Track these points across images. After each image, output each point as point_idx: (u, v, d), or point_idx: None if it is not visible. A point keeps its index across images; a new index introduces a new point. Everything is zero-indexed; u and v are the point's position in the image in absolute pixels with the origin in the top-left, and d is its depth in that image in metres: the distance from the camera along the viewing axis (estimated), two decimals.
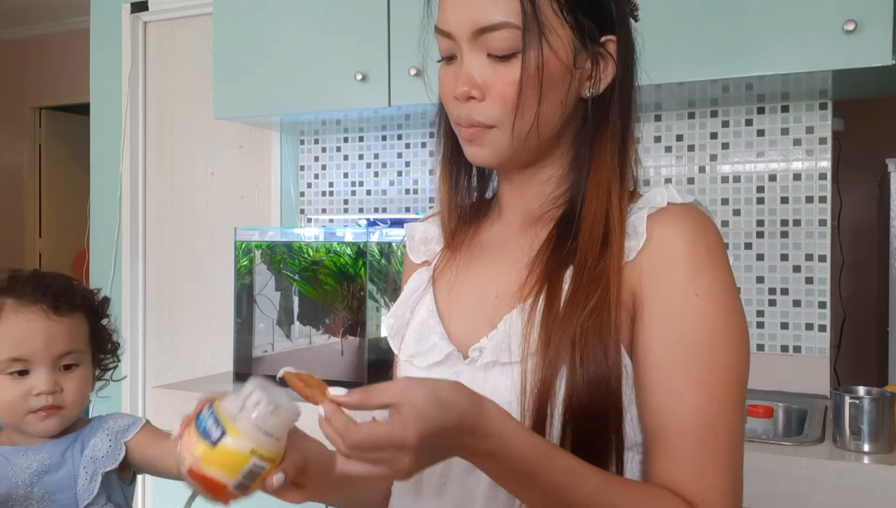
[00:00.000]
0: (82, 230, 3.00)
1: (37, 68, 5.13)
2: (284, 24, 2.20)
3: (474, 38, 0.79)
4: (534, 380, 0.75)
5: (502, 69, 0.78)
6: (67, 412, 1.06)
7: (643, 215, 0.78)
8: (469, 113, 0.80)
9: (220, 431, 0.69)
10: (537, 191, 0.86)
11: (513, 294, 0.81)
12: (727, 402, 0.74)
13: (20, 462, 1.04)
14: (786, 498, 1.42)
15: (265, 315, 2.16)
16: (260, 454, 0.70)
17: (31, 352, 1.03)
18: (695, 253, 0.76)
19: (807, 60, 1.65)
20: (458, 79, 0.80)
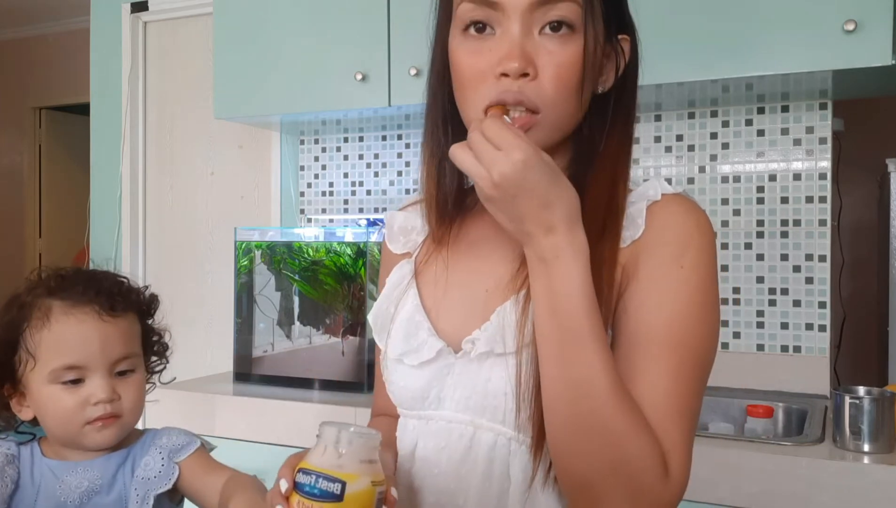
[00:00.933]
0: (82, 230, 3.00)
1: (37, 68, 5.14)
2: (284, 23, 2.20)
3: (530, 10, 0.73)
4: (528, 371, 0.75)
5: (557, 47, 0.74)
6: (125, 421, 0.97)
7: (642, 207, 0.79)
8: (520, 91, 0.73)
9: (340, 485, 0.68)
10: None
11: (505, 288, 0.80)
12: (697, 376, 0.76)
13: (69, 479, 0.95)
14: (786, 498, 1.42)
15: (265, 315, 2.16)
16: (377, 482, 0.70)
17: (87, 358, 0.94)
18: (684, 232, 0.78)
19: (807, 60, 1.65)
20: (509, 54, 0.73)
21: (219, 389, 2.04)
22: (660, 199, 0.79)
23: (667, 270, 0.76)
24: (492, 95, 0.75)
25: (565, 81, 0.74)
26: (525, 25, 0.74)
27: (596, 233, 0.76)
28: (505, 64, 0.73)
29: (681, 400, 0.74)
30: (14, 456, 0.98)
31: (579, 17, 0.74)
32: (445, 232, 0.88)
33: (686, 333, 0.75)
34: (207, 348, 2.63)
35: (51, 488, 0.95)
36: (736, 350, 2.04)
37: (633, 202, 0.80)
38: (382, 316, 0.89)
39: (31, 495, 0.96)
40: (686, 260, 0.76)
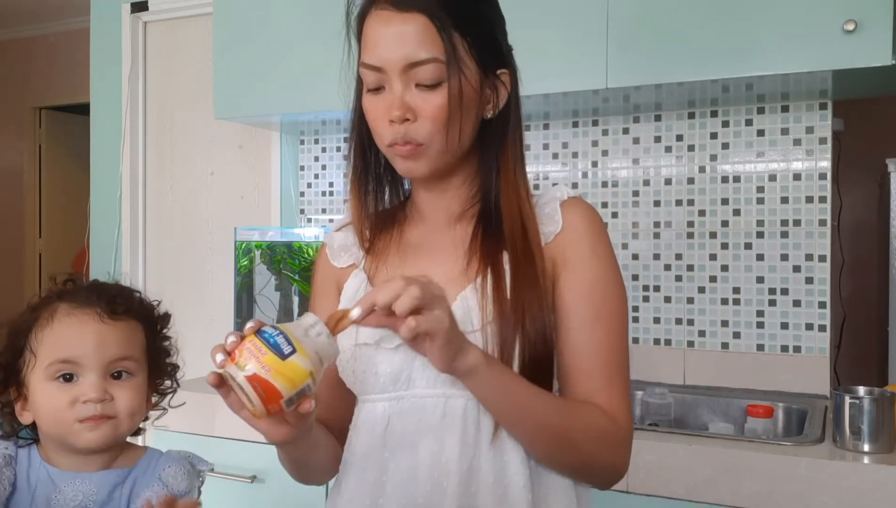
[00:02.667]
0: (82, 230, 3.00)
1: (37, 68, 5.14)
2: (284, 23, 2.20)
3: (405, 70, 0.94)
4: (493, 342, 0.93)
5: (430, 96, 0.94)
6: (119, 424, 0.97)
7: (556, 206, 1.01)
8: (405, 133, 0.95)
9: (292, 348, 0.78)
10: (455, 194, 1.04)
11: (456, 279, 0.98)
12: (622, 332, 0.99)
13: (66, 490, 0.96)
14: (786, 498, 1.42)
15: (265, 315, 2.16)
16: (313, 377, 0.79)
17: (80, 354, 0.95)
18: (594, 229, 1.01)
19: (807, 60, 1.66)
20: (392, 105, 0.94)
21: None
22: (566, 199, 1.02)
23: (588, 260, 0.99)
24: (388, 137, 0.97)
25: (439, 120, 0.95)
26: (403, 82, 0.95)
27: (519, 234, 0.98)
28: (390, 113, 0.95)
29: (615, 358, 0.98)
30: (12, 458, 0.98)
31: (444, 72, 0.94)
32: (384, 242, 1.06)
33: (610, 304, 0.99)
34: (207, 348, 2.62)
35: (46, 494, 0.95)
36: (736, 350, 2.04)
37: (546, 203, 1.02)
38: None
39: (27, 498, 0.96)
40: (599, 250, 1.00)
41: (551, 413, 0.93)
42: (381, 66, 0.95)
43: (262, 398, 0.78)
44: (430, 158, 0.97)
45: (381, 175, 1.07)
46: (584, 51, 1.82)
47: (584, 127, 2.21)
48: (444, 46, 0.93)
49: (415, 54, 0.93)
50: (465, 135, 0.98)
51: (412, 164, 0.97)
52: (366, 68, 0.98)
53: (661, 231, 2.13)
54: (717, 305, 2.06)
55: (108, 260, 2.86)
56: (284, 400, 0.78)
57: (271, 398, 0.78)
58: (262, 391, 0.77)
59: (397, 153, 0.97)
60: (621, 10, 1.80)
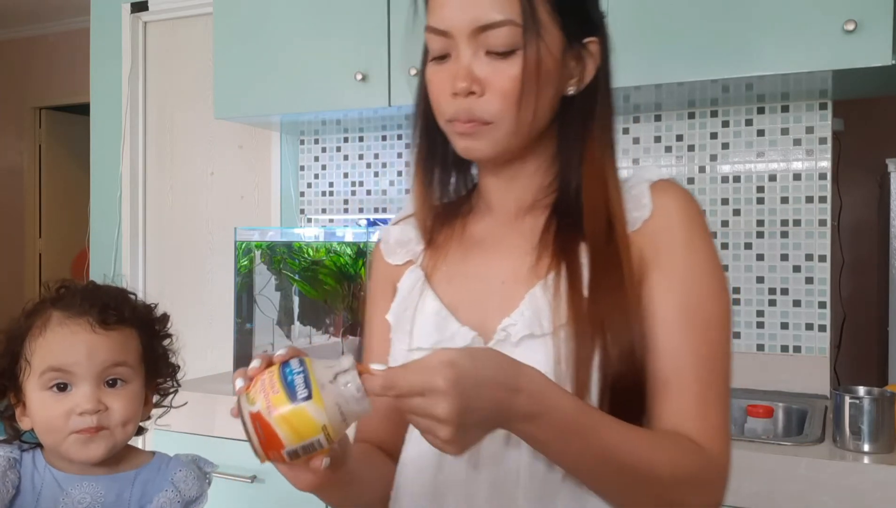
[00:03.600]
0: (82, 230, 3.00)
1: (37, 68, 5.13)
2: (284, 24, 2.20)
3: (474, 35, 0.82)
4: (567, 349, 0.81)
5: (502, 66, 0.82)
6: (113, 435, 0.95)
7: (645, 189, 0.86)
8: (469, 108, 0.83)
9: (307, 393, 0.67)
10: (527, 182, 0.91)
11: (524, 277, 0.86)
12: (723, 347, 0.84)
13: (73, 493, 0.95)
14: (786, 498, 1.42)
15: (265, 315, 2.16)
16: (327, 433, 0.68)
17: (72, 363, 0.93)
18: (690, 218, 0.86)
19: (807, 60, 1.65)
20: (457, 75, 0.83)
21: (219, 389, 2.04)
22: (657, 180, 0.87)
23: (682, 253, 0.84)
24: (449, 112, 0.85)
25: (510, 94, 0.82)
26: (472, 48, 0.83)
27: (603, 227, 0.84)
28: (455, 84, 0.83)
29: (712, 373, 0.82)
30: (16, 461, 0.98)
31: (520, 37, 0.81)
32: (446, 235, 0.95)
33: (707, 306, 0.83)
34: (207, 348, 2.63)
35: (52, 497, 0.95)
36: (736, 350, 2.03)
37: (634, 185, 0.87)
38: (400, 318, 0.93)
39: (31, 502, 0.95)
40: (696, 242, 0.85)
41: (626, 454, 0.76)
42: (448, 29, 0.83)
43: (261, 442, 0.68)
44: (495, 138, 0.84)
45: (449, 160, 0.94)
46: None
47: None
48: (521, 7, 0.81)
49: (486, 16, 0.81)
50: (541, 114, 0.85)
51: (472, 143, 0.85)
52: (431, 33, 0.86)
53: None
54: None
55: (108, 260, 2.86)
56: (286, 451, 0.68)
57: (271, 444, 0.68)
58: (262, 434, 0.68)
59: (457, 130, 0.85)
60: (621, 10, 1.79)
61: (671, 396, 0.81)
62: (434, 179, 0.95)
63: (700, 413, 0.80)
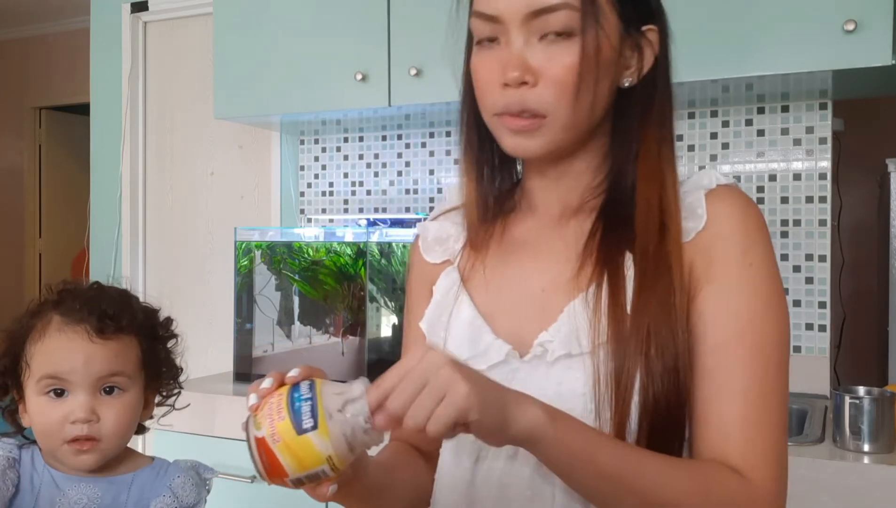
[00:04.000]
0: (82, 230, 3.00)
1: (37, 68, 5.13)
2: (284, 24, 2.20)
3: (527, 21, 0.76)
4: (606, 370, 0.75)
5: (557, 53, 0.76)
6: (105, 447, 0.95)
7: (700, 197, 0.79)
8: (522, 99, 0.77)
9: (313, 423, 0.64)
10: (575, 182, 0.85)
11: (564, 286, 0.81)
12: (777, 369, 0.77)
13: (70, 493, 0.95)
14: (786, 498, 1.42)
15: (265, 315, 2.16)
16: (333, 463, 0.65)
17: (68, 370, 0.93)
18: (747, 228, 0.78)
19: (807, 60, 1.65)
20: (509, 63, 0.77)
21: (219, 389, 2.04)
22: (715, 187, 0.80)
23: (737, 267, 0.77)
24: (500, 104, 0.78)
25: (566, 85, 0.76)
26: (524, 34, 0.77)
27: (655, 233, 0.78)
28: (506, 74, 0.77)
29: (763, 398, 0.75)
30: (15, 460, 0.98)
31: (578, 22, 0.75)
32: (489, 235, 0.89)
33: (761, 331, 0.76)
34: (207, 348, 2.63)
35: (50, 497, 0.95)
36: None
37: (689, 192, 0.81)
38: (435, 324, 0.89)
39: (30, 501, 0.96)
40: (754, 257, 0.78)
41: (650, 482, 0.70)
42: (498, 14, 0.77)
43: (265, 467, 0.67)
44: (549, 134, 0.78)
45: (496, 154, 0.88)
46: None
47: None
48: None
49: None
50: (598, 106, 0.79)
51: (524, 140, 0.78)
52: (479, 19, 0.79)
53: None
54: None
55: (108, 260, 2.86)
56: (290, 479, 0.67)
57: (275, 470, 0.66)
58: (266, 460, 0.66)
59: (507, 126, 0.79)
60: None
61: (715, 419, 0.75)
62: (484, 173, 0.88)
63: (745, 438, 0.74)
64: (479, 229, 0.89)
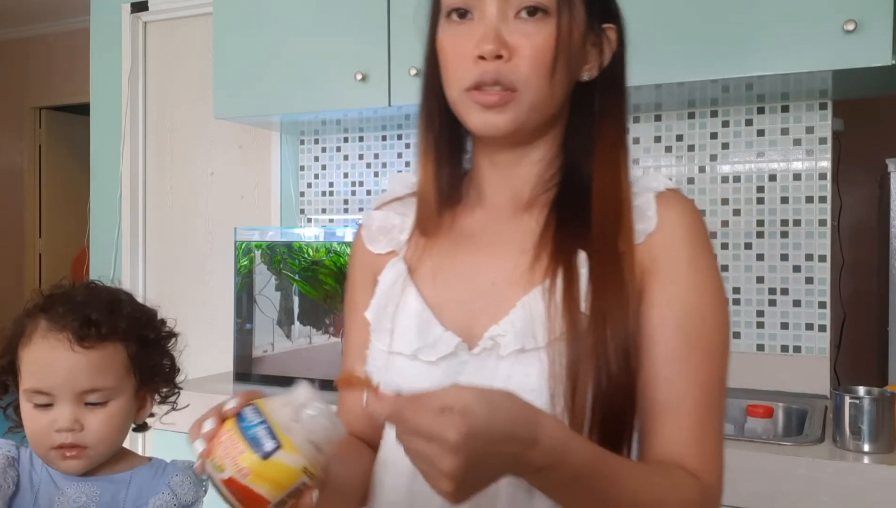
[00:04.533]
0: (82, 230, 3.00)
1: (37, 68, 5.14)
2: (284, 23, 2.20)
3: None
4: (560, 365, 0.75)
5: (532, 30, 0.77)
6: (92, 452, 0.95)
7: (650, 199, 0.80)
8: (496, 71, 0.77)
9: (275, 444, 0.63)
10: (527, 173, 0.85)
11: (517, 280, 0.80)
12: (721, 370, 0.79)
13: (70, 492, 0.96)
14: (786, 498, 1.42)
15: (265, 315, 2.16)
16: (310, 472, 0.64)
17: (52, 385, 0.93)
18: (695, 234, 0.80)
19: (807, 60, 1.65)
20: (485, 37, 0.77)
21: (219, 389, 2.04)
22: (664, 191, 0.81)
23: (685, 273, 0.79)
24: (472, 77, 0.78)
25: (540, 61, 0.77)
26: (501, 10, 0.77)
27: (611, 230, 0.78)
28: (481, 46, 0.77)
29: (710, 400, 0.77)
30: (14, 459, 0.98)
31: (553, 2, 0.77)
32: (438, 226, 0.87)
33: (709, 338, 0.78)
34: (207, 348, 2.63)
35: (50, 495, 0.95)
36: (736, 350, 2.04)
37: (638, 194, 0.81)
38: (380, 315, 0.87)
39: (30, 499, 0.96)
40: (700, 261, 0.80)
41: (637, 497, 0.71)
42: None
43: (243, 503, 0.64)
44: (518, 109, 0.78)
45: (459, 141, 0.87)
46: None
47: None
48: None
49: None
50: (562, 92, 0.80)
51: (493, 116, 0.78)
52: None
53: None
54: None
55: (108, 260, 2.86)
56: (272, 505, 0.64)
57: (254, 503, 0.63)
58: (241, 497, 0.63)
59: (477, 100, 0.78)
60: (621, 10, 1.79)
61: (670, 422, 0.76)
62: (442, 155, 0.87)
63: (699, 442, 0.76)
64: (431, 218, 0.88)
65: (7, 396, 1.01)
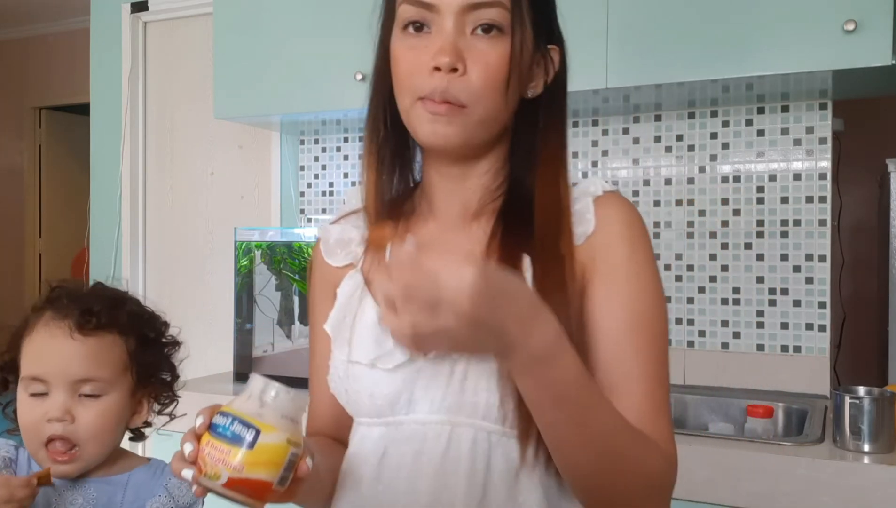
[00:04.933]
0: (82, 230, 3.00)
1: (37, 68, 5.14)
2: (284, 24, 2.20)
3: (463, 12, 0.79)
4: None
5: (488, 46, 0.80)
6: (84, 454, 0.94)
7: (588, 203, 0.85)
8: (447, 88, 0.79)
9: (254, 432, 0.68)
10: (475, 185, 0.89)
11: None
12: (663, 358, 0.84)
13: (67, 493, 0.95)
14: (786, 498, 1.42)
15: (265, 315, 2.16)
16: (293, 441, 0.70)
17: (48, 372, 0.93)
18: (633, 232, 0.86)
19: (807, 60, 1.65)
20: (443, 49, 0.79)
21: (219, 389, 2.04)
22: (601, 194, 0.86)
23: (624, 268, 0.84)
24: (425, 88, 0.80)
25: (492, 78, 0.80)
26: (458, 25, 0.80)
27: (552, 237, 0.83)
28: (437, 58, 0.79)
29: (658, 382, 0.82)
30: (12, 460, 0.98)
31: (508, 21, 0.80)
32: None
33: (651, 322, 0.83)
34: (207, 348, 2.63)
35: (46, 497, 0.95)
36: (736, 350, 2.04)
37: (577, 199, 0.86)
38: (339, 326, 0.90)
39: None
40: (638, 256, 0.85)
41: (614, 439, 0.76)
42: (436, 3, 0.80)
43: (251, 496, 0.69)
44: (467, 124, 0.81)
45: (404, 151, 0.91)
46: (584, 51, 1.82)
47: (584, 127, 2.21)
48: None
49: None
50: (510, 108, 0.84)
51: (442, 127, 0.80)
52: (412, 5, 0.82)
53: (661, 231, 2.12)
54: (717, 305, 2.06)
55: (108, 260, 2.86)
56: (275, 484, 0.69)
57: (260, 490, 0.69)
58: (247, 490, 0.68)
59: (429, 109, 0.80)
60: (621, 10, 1.80)
61: (623, 401, 0.80)
62: (385, 168, 0.91)
63: (653, 417, 0.80)
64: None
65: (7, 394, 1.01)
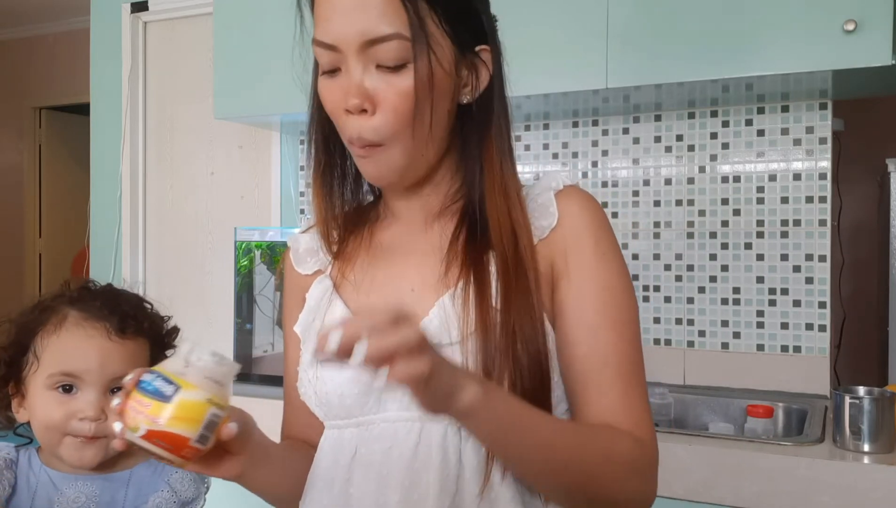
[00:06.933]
0: (82, 230, 3.00)
1: (37, 68, 5.14)
2: (284, 23, 2.20)
3: (362, 49, 0.79)
4: (475, 358, 0.80)
5: (393, 80, 0.79)
6: (108, 444, 0.94)
7: (550, 197, 0.87)
8: (360, 129, 0.81)
9: (174, 387, 0.70)
10: (433, 192, 0.90)
11: (434, 285, 0.86)
12: (636, 341, 0.86)
13: (68, 492, 0.96)
14: (786, 498, 1.42)
15: (265, 315, 2.16)
16: (216, 402, 0.71)
17: (84, 369, 0.94)
18: (596, 222, 0.87)
19: (807, 60, 1.65)
20: (349, 91, 0.80)
21: None
22: (562, 188, 0.88)
23: (591, 259, 0.85)
24: (347, 132, 0.83)
25: (400, 112, 0.80)
26: (363, 63, 0.80)
27: (508, 239, 0.84)
28: (347, 101, 0.80)
29: (631, 368, 0.84)
30: (12, 461, 0.98)
31: (410, 51, 0.79)
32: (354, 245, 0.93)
33: (619, 308, 0.85)
34: None
35: (47, 496, 0.95)
36: (736, 350, 2.04)
37: (539, 194, 0.88)
38: (309, 328, 0.92)
39: (27, 501, 0.96)
40: (603, 246, 0.86)
41: (570, 447, 0.77)
42: (336, 43, 0.80)
43: (169, 450, 0.71)
44: (391, 161, 0.82)
45: (347, 171, 0.93)
46: (584, 51, 1.82)
47: (584, 127, 2.21)
48: (409, 19, 0.78)
49: (373, 29, 0.78)
50: (439, 126, 0.83)
51: (373, 168, 0.83)
52: (319, 46, 0.83)
53: (661, 231, 2.13)
54: (717, 305, 2.06)
55: (108, 260, 2.86)
56: (194, 441, 0.70)
57: (178, 445, 0.70)
58: (165, 444, 0.70)
59: (356, 154, 0.84)
60: (621, 10, 1.80)
61: (597, 393, 0.82)
62: (334, 190, 0.93)
63: (627, 406, 0.82)
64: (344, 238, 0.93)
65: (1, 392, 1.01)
